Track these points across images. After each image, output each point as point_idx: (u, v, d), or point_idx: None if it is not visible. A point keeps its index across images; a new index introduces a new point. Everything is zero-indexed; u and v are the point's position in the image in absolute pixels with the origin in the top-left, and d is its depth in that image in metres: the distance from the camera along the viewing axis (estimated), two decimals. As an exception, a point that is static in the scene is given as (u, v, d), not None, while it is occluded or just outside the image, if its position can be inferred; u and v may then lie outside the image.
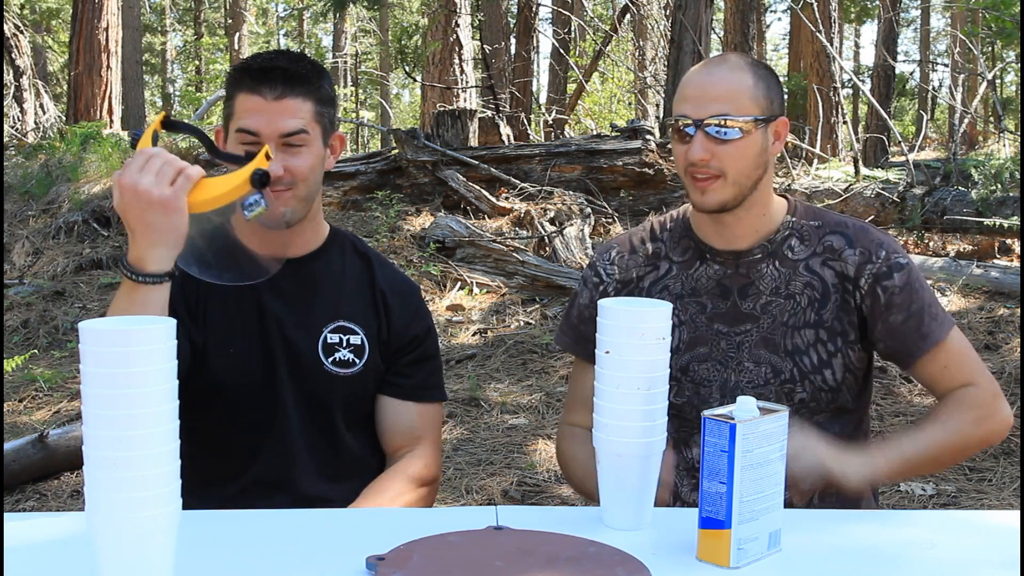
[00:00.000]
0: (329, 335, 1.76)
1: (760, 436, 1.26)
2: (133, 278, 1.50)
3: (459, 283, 6.14)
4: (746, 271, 1.76)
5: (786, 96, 1.88)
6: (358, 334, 1.77)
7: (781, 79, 1.83)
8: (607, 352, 1.37)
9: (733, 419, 1.24)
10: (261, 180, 1.53)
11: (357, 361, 1.76)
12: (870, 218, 6.72)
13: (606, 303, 1.39)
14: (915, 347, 1.73)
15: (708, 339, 1.76)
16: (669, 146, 7.50)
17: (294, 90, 1.66)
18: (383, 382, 1.82)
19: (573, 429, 1.89)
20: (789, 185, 7.27)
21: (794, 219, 1.79)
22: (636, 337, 1.35)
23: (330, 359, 1.75)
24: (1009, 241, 6.31)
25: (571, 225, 6.51)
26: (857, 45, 29.94)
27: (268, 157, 1.57)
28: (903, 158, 8.06)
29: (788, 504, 1.34)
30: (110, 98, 11.63)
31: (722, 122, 1.66)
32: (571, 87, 14.30)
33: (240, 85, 1.68)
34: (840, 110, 11.81)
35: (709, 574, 1.25)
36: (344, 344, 1.76)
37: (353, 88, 21.98)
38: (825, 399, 1.73)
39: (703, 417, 1.27)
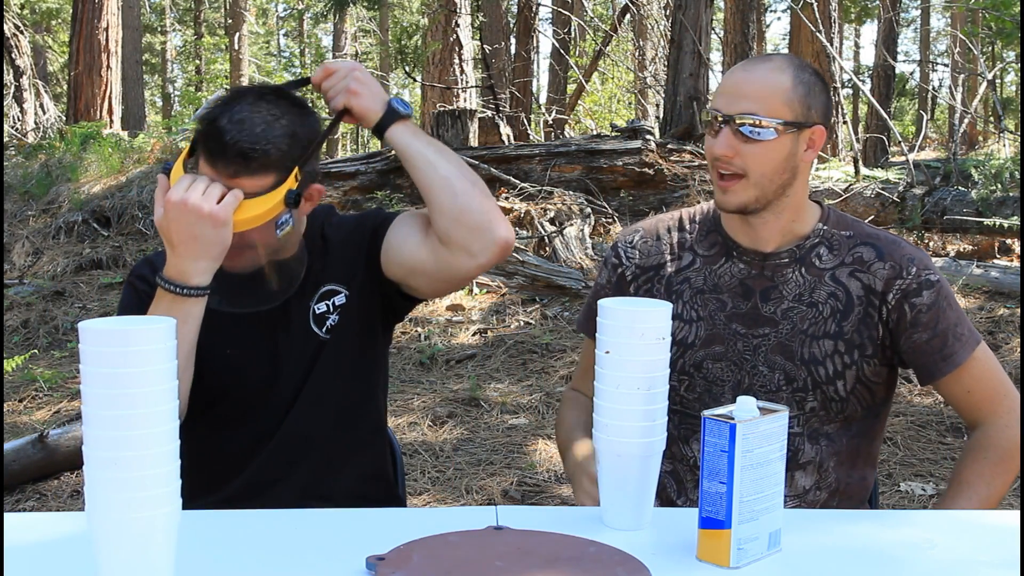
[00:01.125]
0: (316, 307, 1.78)
1: (760, 436, 1.26)
2: (176, 291, 1.56)
3: (459, 283, 6.13)
4: (771, 274, 1.74)
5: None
6: (340, 292, 1.78)
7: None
8: (607, 352, 1.37)
9: (733, 419, 1.24)
10: (295, 200, 1.62)
11: (344, 315, 1.78)
12: (870, 218, 6.72)
13: (606, 303, 1.39)
14: (936, 368, 1.72)
15: (725, 338, 1.75)
16: (669, 146, 7.57)
17: (249, 169, 1.58)
18: (372, 253, 1.78)
19: (576, 394, 1.93)
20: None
21: (826, 227, 1.76)
22: (636, 337, 1.35)
23: (323, 328, 1.78)
24: (1009, 241, 6.31)
25: (571, 225, 6.51)
26: (857, 45, 29.94)
27: (296, 179, 1.63)
28: (903, 158, 8.06)
29: None
30: (110, 98, 11.63)
31: (750, 121, 1.64)
32: (571, 87, 14.29)
33: (200, 144, 1.62)
34: (840, 110, 11.80)
35: (709, 574, 1.25)
36: (331, 308, 1.78)
37: (353, 88, 21.92)
38: (835, 409, 1.72)
39: (703, 417, 1.27)
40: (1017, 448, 1.71)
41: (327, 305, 1.78)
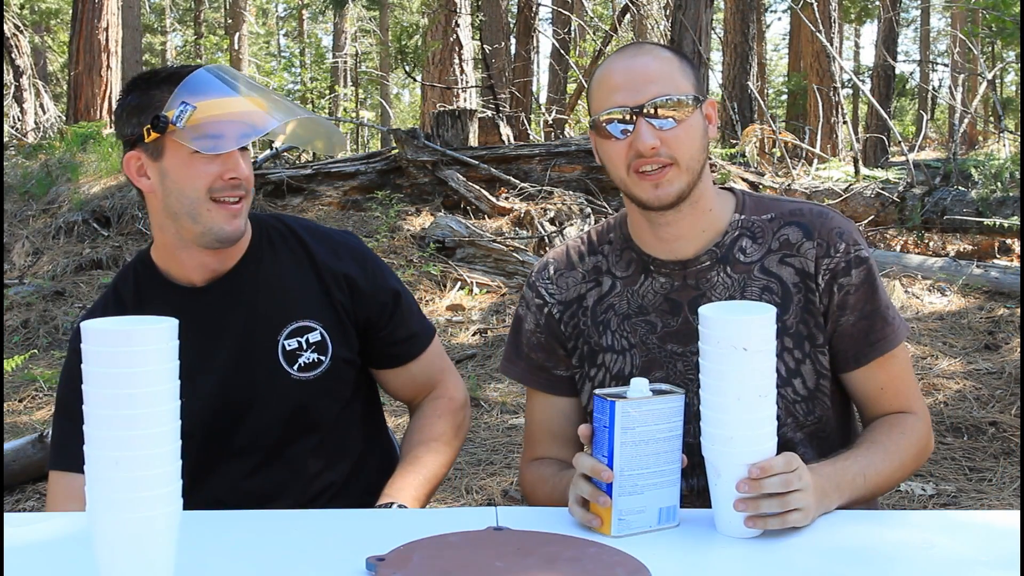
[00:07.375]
0: (286, 343, 1.67)
1: (644, 415, 1.31)
2: None
3: (459, 283, 6.14)
4: (695, 282, 1.58)
5: (785, 96, 1.84)
6: (315, 329, 1.68)
7: (781, 79, 1.80)
8: (745, 349, 1.28)
9: (615, 397, 1.30)
10: None
11: (323, 359, 1.68)
12: (870, 218, 6.72)
13: (705, 309, 1.30)
14: (861, 353, 1.57)
15: (663, 362, 1.60)
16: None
17: None
18: (377, 356, 1.76)
19: (541, 462, 1.71)
20: (789, 185, 7.27)
21: (743, 216, 1.60)
22: (765, 342, 1.30)
23: (295, 367, 1.67)
24: (1009, 241, 6.32)
25: (571, 225, 6.51)
26: (857, 45, 29.95)
27: None
28: (903, 158, 8.07)
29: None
30: (110, 98, 11.62)
31: (665, 103, 1.49)
32: (571, 87, 14.29)
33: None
34: (840, 110, 11.83)
35: (709, 574, 1.25)
36: (305, 346, 1.67)
37: (353, 88, 21.98)
38: (801, 411, 1.57)
39: (592, 394, 1.33)
40: (929, 445, 1.58)
41: (299, 341, 1.67)
